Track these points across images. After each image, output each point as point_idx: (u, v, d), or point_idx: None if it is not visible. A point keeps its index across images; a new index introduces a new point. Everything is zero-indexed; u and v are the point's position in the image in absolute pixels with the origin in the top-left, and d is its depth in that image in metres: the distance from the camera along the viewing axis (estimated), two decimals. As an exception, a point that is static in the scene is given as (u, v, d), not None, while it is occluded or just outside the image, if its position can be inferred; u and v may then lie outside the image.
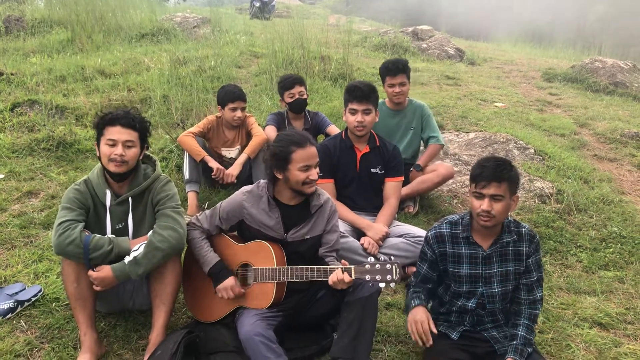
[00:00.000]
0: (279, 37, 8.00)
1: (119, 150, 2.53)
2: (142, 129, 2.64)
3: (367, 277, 2.36)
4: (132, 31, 9.07)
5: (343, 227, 3.29)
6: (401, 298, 3.19)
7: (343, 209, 3.47)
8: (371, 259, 2.39)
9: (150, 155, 2.84)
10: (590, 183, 4.90)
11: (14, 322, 2.74)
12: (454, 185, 4.70)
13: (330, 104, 6.18)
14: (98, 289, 2.49)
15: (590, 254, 3.86)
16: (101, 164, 2.62)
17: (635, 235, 4.07)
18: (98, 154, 2.61)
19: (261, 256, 2.58)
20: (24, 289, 2.94)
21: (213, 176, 4.06)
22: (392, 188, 3.61)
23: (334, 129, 4.52)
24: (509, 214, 2.46)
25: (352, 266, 2.39)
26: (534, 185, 4.62)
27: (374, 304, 2.48)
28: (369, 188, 3.62)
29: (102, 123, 2.58)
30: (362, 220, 3.47)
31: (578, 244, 3.98)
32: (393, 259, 2.40)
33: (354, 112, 3.47)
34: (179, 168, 4.56)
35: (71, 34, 8.49)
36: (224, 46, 8.46)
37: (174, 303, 2.64)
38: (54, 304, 2.88)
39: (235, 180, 4.09)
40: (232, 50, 8.19)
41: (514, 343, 2.43)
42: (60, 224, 2.46)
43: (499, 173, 2.33)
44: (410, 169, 4.22)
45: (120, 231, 2.65)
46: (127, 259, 2.48)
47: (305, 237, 2.66)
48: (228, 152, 4.33)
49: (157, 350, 2.38)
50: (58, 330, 2.71)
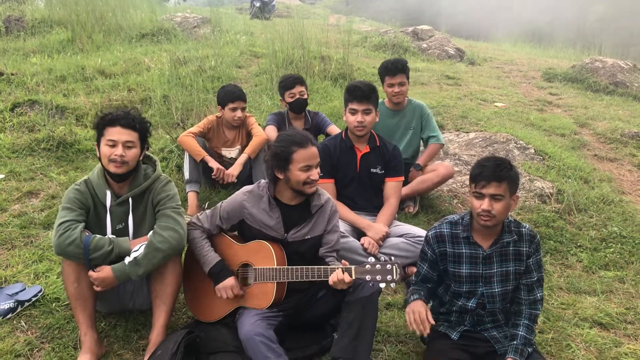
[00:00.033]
0: (279, 37, 8.00)
1: (119, 150, 2.53)
2: (143, 129, 2.64)
3: (368, 277, 2.36)
4: (133, 31, 9.06)
5: (343, 227, 3.29)
6: (401, 298, 3.19)
7: (343, 209, 3.47)
8: (371, 259, 2.39)
9: (151, 155, 2.84)
10: (590, 183, 4.90)
11: (14, 322, 2.74)
12: (454, 185, 4.70)
13: (330, 104, 6.18)
14: (98, 289, 2.49)
15: (590, 254, 3.86)
16: (101, 164, 2.62)
17: (636, 235, 4.07)
18: (98, 155, 2.61)
19: (261, 256, 2.58)
20: (24, 289, 2.94)
21: (213, 176, 4.06)
22: (392, 188, 3.61)
23: (335, 129, 4.52)
24: (509, 213, 2.46)
25: (353, 266, 2.39)
26: (534, 185, 4.62)
27: (374, 304, 2.48)
28: (369, 188, 3.62)
29: (102, 123, 2.58)
30: (362, 220, 3.47)
31: (578, 244, 3.98)
32: (393, 259, 2.40)
33: (354, 112, 3.47)
34: (179, 168, 4.56)
35: (71, 34, 8.50)
36: (224, 46, 8.46)
37: (174, 303, 2.64)
38: (54, 304, 2.88)
39: (236, 180, 4.09)
40: (232, 50, 8.19)
41: (514, 343, 2.43)
42: (60, 224, 2.46)
43: (499, 172, 2.33)
44: (410, 169, 4.23)
45: (120, 231, 2.64)
46: (128, 260, 2.48)
47: (306, 237, 2.66)
48: (228, 152, 4.33)
49: (158, 350, 2.39)
50: (58, 331, 2.71)
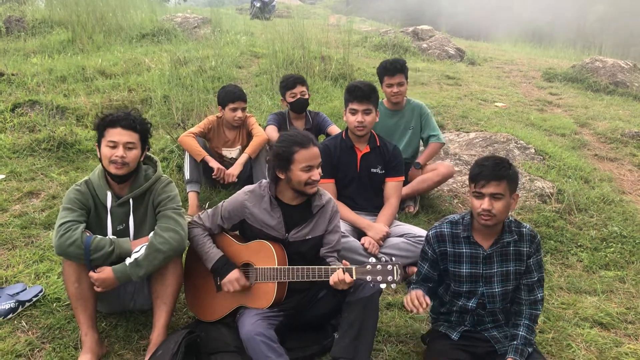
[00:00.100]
0: (279, 37, 8.00)
1: (119, 152, 2.52)
2: (143, 130, 2.64)
3: (368, 278, 2.35)
4: (133, 31, 9.06)
5: (344, 227, 3.29)
6: (402, 298, 3.19)
7: (344, 209, 3.47)
8: (372, 260, 2.38)
9: (151, 156, 2.83)
10: (590, 183, 4.90)
11: (15, 322, 2.74)
12: (454, 185, 4.70)
13: (330, 104, 6.18)
14: (99, 290, 2.49)
15: (590, 254, 3.86)
16: (102, 165, 2.62)
17: (636, 235, 4.07)
18: (99, 156, 2.61)
19: (262, 256, 2.58)
20: (25, 289, 2.94)
21: (214, 176, 4.07)
22: (393, 188, 3.61)
23: (335, 129, 4.52)
24: (509, 213, 2.46)
25: (353, 266, 2.39)
26: (535, 185, 4.62)
27: (375, 304, 2.48)
28: (370, 188, 3.62)
29: (103, 124, 2.57)
30: (363, 220, 3.47)
31: (579, 244, 3.98)
32: (394, 259, 2.40)
33: (354, 112, 3.47)
34: (180, 168, 4.56)
35: (72, 34, 8.50)
36: (225, 46, 8.46)
37: (175, 303, 2.64)
38: (55, 304, 2.88)
39: (236, 179, 4.10)
40: (233, 51, 8.19)
41: (515, 343, 2.43)
42: (61, 224, 2.46)
43: (498, 171, 2.34)
44: (410, 167, 4.22)
45: (121, 232, 2.64)
46: (128, 261, 2.48)
47: (307, 237, 2.66)
48: (229, 152, 4.33)
49: (158, 350, 2.39)
50: (59, 331, 2.71)
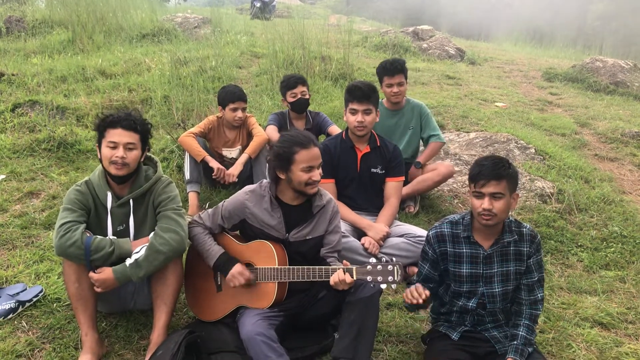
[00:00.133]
0: (279, 37, 8.00)
1: (120, 152, 2.52)
2: (144, 131, 2.63)
3: (369, 278, 2.35)
4: (133, 31, 9.06)
5: (344, 227, 3.29)
6: (402, 298, 3.19)
7: (344, 209, 3.47)
8: (373, 260, 2.38)
9: (152, 156, 2.83)
10: (591, 183, 4.90)
11: (15, 323, 2.74)
12: (454, 185, 4.70)
13: (330, 104, 6.18)
14: (99, 290, 2.49)
15: (591, 254, 3.86)
16: (102, 166, 2.62)
17: (636, 235, 4.07)
18: (99, 156, 2.61)
19: (263, 256, 2.58)
20: (25, 289, 2.94)
21: (214, 176, 4.07)
22: (393, 188, 3.61)
23: (335, 129, 4.52)
24: (509, 213, 2.46)
25: (354, 267, 2.39)
26: (535, 185, 4.62)
27: (375, 304, 2.48)
28: (370, 188, 3.62)
29: (103, 125, 2.57)
30: (363, 220, 3.47)
31: (579, 244, 3.98)
32: (394, 259, 2.40)
33: (354, 112, 3.47)
34: (180, 168, 4.57)
35: (72, 34, 8.49)
36: (225, 46, 8.45)
37: (175, 303, 2.64)
38: (55, 305, 2.88)
39: (237, 179, 4.10)
40: (233, 51, 8.19)
41: (515, 343, 2.43)
42: (61, 225, 2.46)
43: (497, 171, 2.34)
44: (412, 167, 4.22)
45: (121, 233, 2.64)
46: (129, 262, 2.48)
47: (307, 238, 2.66)
48: (229, 152, 4.33)
49: (158, 350, 2.38)
50: (59, 331, 2.71)
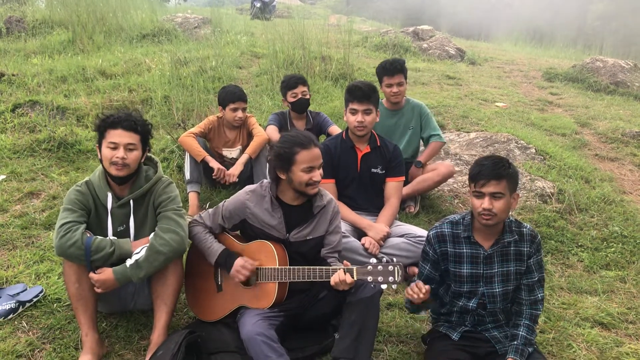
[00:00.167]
0: (279, 38, 8.00)
1: (120, 153, 2.52)
2: (144, 131, 2.63)
3: (369, 279, 2.35)
4: (133, 32, 9.06)
5: (344, 227, 3.29)
6: (402, 298, 3.19)
7: (344, 209, 3.47)
8: (373, 260, 2.38)
9: (152, 156, 2.83)
10: (591, 183, 4.90)
11: (16, 323, 2.74)
12: (455, 185, 4.69)
13: (331, 104, 6.18)
14: (99, 291, 2.49)
15: (591, 254, 3.86)
16: (102, 166, 2.61)
17: (637, 235, 4.07)
18: (99, 157, 2.60)
19: (263, 256, 2.58)
20: (26, 289, 2.94)
21: (214, 176, 4.07)
22: (393, 188, 3.61)
23: (336, 129, 4.52)
24: (510, 212, 2.46)
25: (354, 267, 2.39)
26: (535, 185, 4.62)
27: (376, 304, 2.48)
28: (370, 188, 3.62)
29: (104, 126, 2.57)
30: (363, 220, 3.47)
31: (579, 244, 3.98)
32: (395, 259, 2.39)
33: (354, 112, 3.47)
34: (180, 168, 4.57)
35: (72, 34, 8.49)
36: (225, 46, 8.45)
37: (175, 303, 2.64)
38: (55, 305, 2.88)
39: (237, 179, 4.10)
40: (233, 51, 8.19)
41: (515, 343, 2.43)
42: (62, 225, 2.46)
43: (497, 170, 2.34)
44: (411, 166, 4.22)
45: (121, 233, 2.64)
46: (129, 262, 2.48)
47: (308, 238, 2.66)
48: (229, 153, 4.33)
49: (159, 350, 2.38)
50: (59, 331, 2.71)
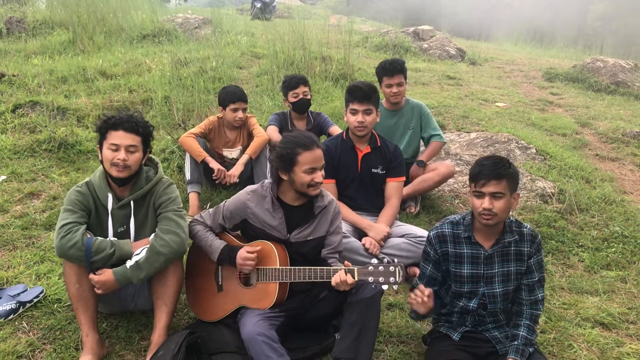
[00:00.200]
0: (280, 38, 8.00)
1: (121, 155, 2.51)
2: (145, 133, 2.62)
3: (370, 279, 2.35)
4: (133, 32, 9.06)
5: (345, 228, 3.28)
6: (403, 298, 3.19)
7: (345, 210, 3.46)
8: (374, 261, 2.38)
9: (152, 157, 2.82)
10: (592, 183, 4.89)
11: (16, 323, 2.74)
12: (455, 185, 4.69)
13: (331, 105, 6.18)
14: (99, 292, 2.49)
15: (592, 254, 3.86)
16: (103, 167, 2.61)
17: (638, 235, 4.07)
18: (100, 158, 2.60)
19: (264, 256, 2.58)
20: (26, 290, 2.94)
21: (214, 177, 4.07)
22: (394, 188, 3.61)
23: (336, 130, 4.51)
24: (510, 212, 2.45)
25: (356, 268, 2.39)
26: (536, 185, 4.62)
27: (376, 304, 2.48)
28: (370, 188, 3.61)
29: (105, 127, 2.56)
30: (364, 220, 3.46)
31: (580, 244, 3.97)
32: (396, 260, 2.39)
33: (354, 112, 3.47)
34: (181, 169, 4.57)
35: (72, 35, 8.50)
36: (225, 47, 8.45)
37: (175, 304, 2.64)
38: (55, 305, 2.88)
39: (237, 180, 4.09)
40: (233, 51, 8.19)
41: (516, 343, 2.43)
42: (62, 226, 2.46)
43: (497, 170, 2.34)
44: (413, 164, 4.21)
45: (122, 234, 2.64)
46: (129, 263, 2.48)
47: (309, 238, 2.66)
48: (229, 153, 4.33)
49: (159, 350, 2.38)
50: (60, 331, 2.71)
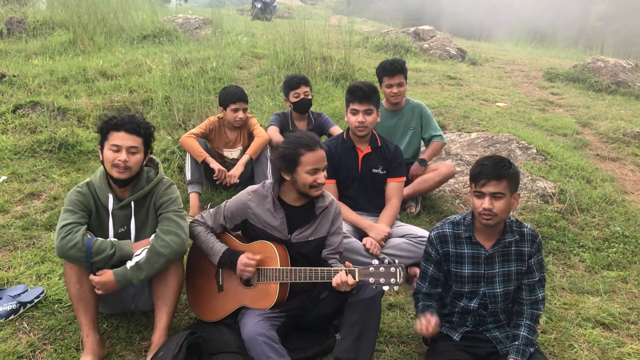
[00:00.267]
0: (280, 38, 8.00)
1: (122, 156, 2.51)
2: (147, 134, 2.62)
3: (371, 280, 2.34)
4: (134, 32, 9.07)
5: (345, 228, 3.27)
6: (404, 299, 3.19)
7: (345, 210, 3.46)
8: (375, 262, 2.38)
9: (153, 157, 2.82)
10: (592, 183, 4.89)
11: (17, 324, 2.74)
12: (456, 186, 4.69)
13: (332, 105, 6.18)
14: (100, 292, 2.49)
15: (593, 254, 3.85)
16: (104, 168, 2.61)
17: (638, 235, 4.06)
18: (101, 158, 2.59)
19: (265, 256, 2.58)
20: (27, 290, 2.94)
21: (215, 178, 4.07)
22: (394, 188, 3.61)
23: (337, 130, 4.51)
24: (511, 212, 2.45)
25: (356, 268, 2.39)
26: (537, 185, 4.61)
27: (377, 304, 2.47)
28: (371, 188, 3.61)
29: (107, 127, 2.55)
30: (364, 220, 3.46)
31: (581, 244, 3.97)
32: (396, 260, 2.39)
33: (355, 113, 3.47)
34: (181, 169, 4.57)
35: (73, 35, 8.50)
36: (226, 47, 8.46)
37: (176, 304, 2.64)
38: (56, 306, 2.88)
39: (238, 180, 4.09)
40: (234, 52, 8.19)
41: (516, 343, 2.43)
42: (62, 227, 2.46)
43: (498, 170, 2.34)
44: (415, 163, 4.21)
45: (122, 235, 2.64)
46: (129, 264, 2.47)
47: (310, 239, 2.66)
48: (230, 153, 4.33)
49: (160, 351, 2.38)
50: (60, 332, 2.71)
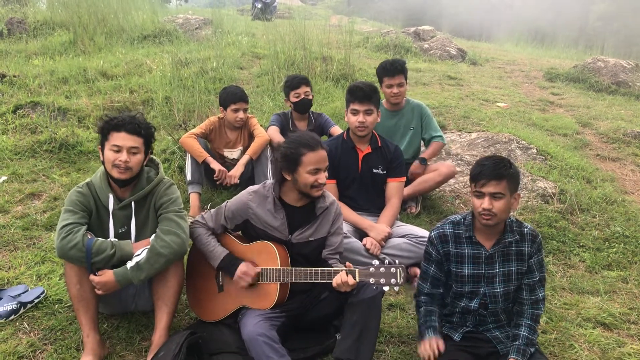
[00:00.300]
0: (280, 38, 8.00)
1: (123, 156, 2.51)
2: (148, 135, 2.62)
3: (372, 280, 2.34)
4: (134, 33, 9.07)
5: (345, 228, 3.27)
6: (404, 299, 3.19)
7: (345, 210, 3.46)
8: (376, 262, 2.38)
9: (153, 157, 2.82)
10: (593, 183, 4.89)
11: (17, 324, 2.74)
12: (456, 186, 4.69)
13: (332, 105, 6.18)
14: (100, 293, 2.49)
15: (593, 254, 3.85)
16: (104, 168, 2.61)
17: (639, 235, 4.06)
18: (102, 158, 2.60)
19: (265, 257, 2.58)
20: (27, 290, 2.94)
21: (215, 178, 4.07)
22: (394, 188, 3.61)
23: (337, 130, 4.51)
24: (511, 212, 2.45)
25: (357, 269, 2.38)
26: (537, 185, 4.61)
27: (377, 305, 2.47)
28: (371, 188, 3.61)
29: (107, 128, 2.55)
30: (365, 220, 3.46)
31: (581, 244, 3.97)
32: (397, 260, 2.39)
33: (355, 113, 3.47)
34: (181, 169, 4.57)
35: (73, 35, 8.51)
36: (226, 47, 8.46)
37: (176, 305, 2.64)
38: (56, 306, 2.88)
39: (238, 181, 4.09)
40: (234, 52, 8.19)
41: (516, 343, 2.43)
42: (63, 227, 2.46)
43: (498, 170, 2.34)
44: (415, 162, 4.20)
45: (123, 235, 2.64)
46: (130, 264, 2.48)
47: (310, 239, 2.66)
48: (230, 153, 4.33)
49: (160, 351, 2.38)
50: (61, 332, 2.71)
